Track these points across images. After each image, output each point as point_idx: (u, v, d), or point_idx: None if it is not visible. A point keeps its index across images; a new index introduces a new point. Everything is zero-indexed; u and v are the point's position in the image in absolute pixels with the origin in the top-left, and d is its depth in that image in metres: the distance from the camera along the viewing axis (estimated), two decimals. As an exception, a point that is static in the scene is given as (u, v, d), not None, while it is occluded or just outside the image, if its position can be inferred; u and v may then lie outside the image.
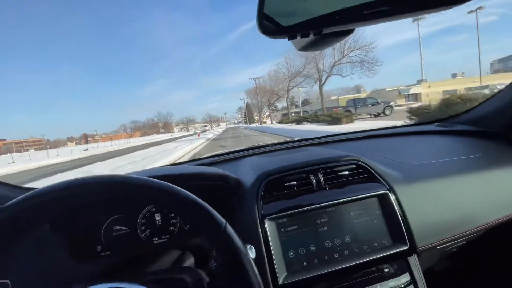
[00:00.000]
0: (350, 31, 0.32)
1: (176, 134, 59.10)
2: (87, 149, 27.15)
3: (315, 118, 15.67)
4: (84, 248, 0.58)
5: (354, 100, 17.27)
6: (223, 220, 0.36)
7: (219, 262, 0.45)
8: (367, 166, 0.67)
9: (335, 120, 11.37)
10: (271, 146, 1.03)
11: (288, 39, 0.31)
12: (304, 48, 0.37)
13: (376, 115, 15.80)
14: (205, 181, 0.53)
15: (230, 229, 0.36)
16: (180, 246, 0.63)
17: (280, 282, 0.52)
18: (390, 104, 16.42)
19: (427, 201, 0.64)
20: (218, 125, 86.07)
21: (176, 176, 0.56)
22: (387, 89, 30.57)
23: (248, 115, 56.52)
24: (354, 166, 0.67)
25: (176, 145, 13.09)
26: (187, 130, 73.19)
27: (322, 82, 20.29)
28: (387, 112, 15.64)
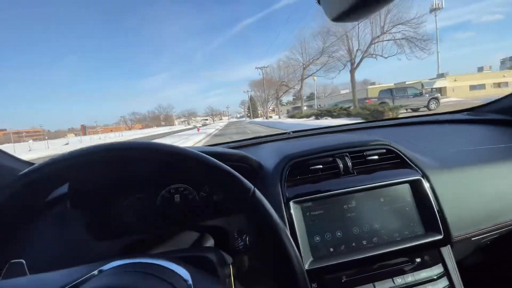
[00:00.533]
0: None
1: (176, 127, 56.24)
2: (67, 143, 25.30)
3: (341, 112, 12.45)
4: (103, 227, 0.59)
5: (390, 90, 13.75)
6: (251, 185, 0.35)
7: (250, 238, 0.45)
8: (398, 151, 0.64)
9: (376, 114, 8.22)
10: (290, 134, 1.00)
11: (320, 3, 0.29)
12: (340, 17, 0.31)
13: (415, 109, 12.90)
14: (226, 161, 0.47)
15: (259, 193, 0.35)
16: (199, 227, 0.63)
17: (306, 267, 0.50)
18: (435, 96, 13.53)
19: (464, 189, 0.61)
20: (220, 119, 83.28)
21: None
22: (407, 83, 27.20)
23: (252, 109, 53.01)
24: (384, 151, 0.64)
25: (172, 140, 12.01)
26: (188, 124, 70.30)
27: (355, 64, 16.86)
28: (432, 105, 12.82)
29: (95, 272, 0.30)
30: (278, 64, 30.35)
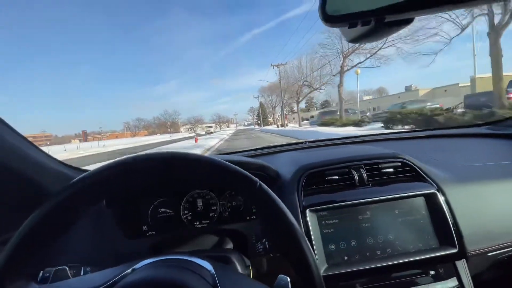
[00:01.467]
0: (411, 20, 0.29)
1: (179, 135, 50.01)
2: (65, 150, 24.67)
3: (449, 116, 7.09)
4: (133, 227, 0.65)
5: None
6: (257, 179, 0.37)
7: (270, 243, 0.49)
8: (413, 165, 0.67)
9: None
10: (306, 144, 1.04)
11: (349, 27, 0.29)
12: (357, 38, 0.33)
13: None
14: (244, 169, 0.51)
15: (265, 186, 0.37)
16: (219, 231, 0.68)
17: (321, 273, 0.54)
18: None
19: (479, 203, 0.63)
20: (228, 126, 78.88)
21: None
22: (460, 85, 21.69)
23: (262, 115, 48.01)
24: (400, 164, 0.67)
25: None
26: (194, 131, 65.94)
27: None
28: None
29: (129, 270, 0.33)
30: (299, 61, 25.06)
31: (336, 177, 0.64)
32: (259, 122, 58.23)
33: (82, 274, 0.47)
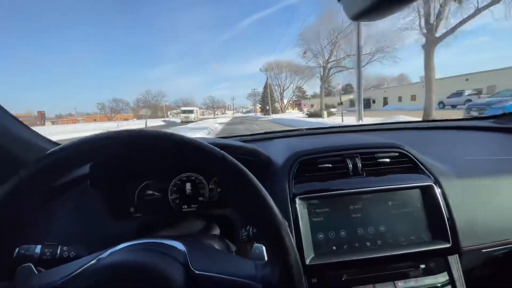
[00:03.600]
0: None
1: (149, 122, 32.65)
2: None
3: None
4: (118, 208, 0.66)
5: None
6: (219, 150, 0.36)
7: (255, 229, 0.51)
8: (411, 156, 0.67)
9: None
10: (303, 130, 1.02)
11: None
12: (359, 16, 0.30)
13: None
14: (235, 154, 0.48)
15: (230, 158, 0.36)
16: (207, 216, 0.69)
17: (307, 262, 0.55)
18: None
19: (477, 199, 0.64)
20: (223, 113, 66.13)
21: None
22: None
23: (269, 100, 35.08)
24: (397, 154, 0.67)
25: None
26: (168, 116, 52.88)
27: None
28: None
29: (94, 261, 0.33)
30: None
31: (329, 165, 0.64)
32: (263, 108, 45.16)
33: (58, 253, 0.47)
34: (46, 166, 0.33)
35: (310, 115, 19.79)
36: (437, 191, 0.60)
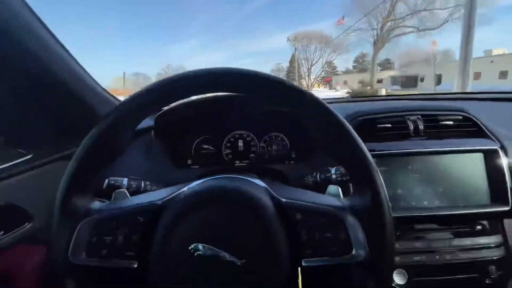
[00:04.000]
0: None
1: None
2: None
3: None
4: (178, 159, 0.75)
5: None
6: (304, 89, 0.35)
7: (322, 175, 0.55)
8: (476, 120, 0.66)
9: None
10: (360, 98, 1.06)
11: None
12: None
13: None
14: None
15: (314, 94, 0.34)
16: (259, 171, 0.72)
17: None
18: None
19: None
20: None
21: None
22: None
23: (297, 75, 30.40)
24: (461, 117, 0.66)
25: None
26: None
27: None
28: None
29: (192, 184, 0.36)
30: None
31: (389, 125, 0.65)
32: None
33: (142, 186, 0.55)
34: (144, 102, 0.32)
35: (355, 94, 15.07)
36: (503, 156, 0.59)
